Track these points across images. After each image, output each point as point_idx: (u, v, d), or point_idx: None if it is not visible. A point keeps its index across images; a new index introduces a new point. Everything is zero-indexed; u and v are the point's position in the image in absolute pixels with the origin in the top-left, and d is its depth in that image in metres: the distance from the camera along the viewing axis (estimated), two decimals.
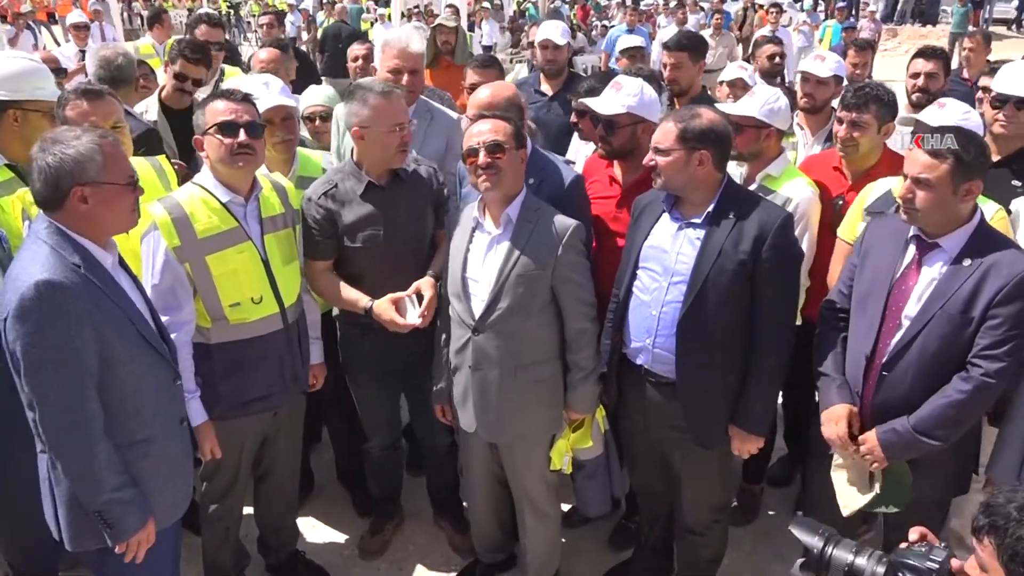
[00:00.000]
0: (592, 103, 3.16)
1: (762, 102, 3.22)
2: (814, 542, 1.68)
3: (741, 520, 3.68)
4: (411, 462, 3.94)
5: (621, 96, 3.10)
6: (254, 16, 24.29)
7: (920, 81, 4.32)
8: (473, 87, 4.10)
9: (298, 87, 4.28)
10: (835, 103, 3.72)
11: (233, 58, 6.12)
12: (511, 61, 12.75)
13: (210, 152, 2.67)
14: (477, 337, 2.79)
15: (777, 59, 5.71)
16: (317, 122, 3.90)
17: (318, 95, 4.04)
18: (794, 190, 3.19)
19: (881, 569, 1.58)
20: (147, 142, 3.63)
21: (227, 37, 5.74)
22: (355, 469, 3.81)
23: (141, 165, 3.02)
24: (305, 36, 18.34)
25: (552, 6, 20.09)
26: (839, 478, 2.70)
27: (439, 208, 3.15)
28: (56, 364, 2.05)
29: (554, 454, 2.95)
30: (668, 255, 2.71)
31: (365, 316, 2.97)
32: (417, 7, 21.01)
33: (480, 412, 2.88)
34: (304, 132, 3.77)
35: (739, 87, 5.06)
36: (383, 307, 2.89)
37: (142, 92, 4.59)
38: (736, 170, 3.40)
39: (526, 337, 2.77)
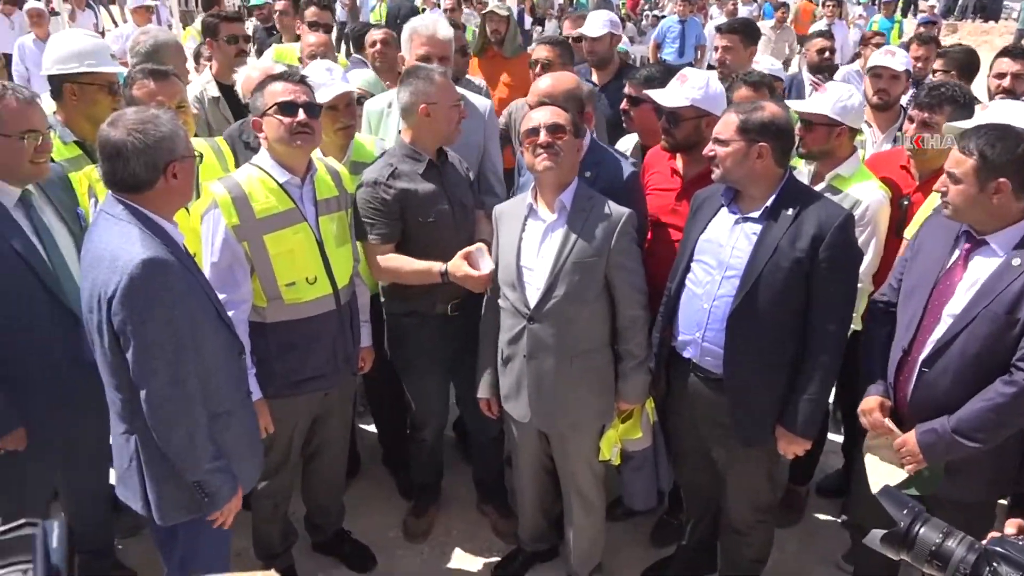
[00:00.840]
0: (656, 95, 3.14)
1: (835, 99, 3.13)
2: (901, 516, 1.59)
3: (785, 521, 3.63)
4: (457, 448, 3.98)
5: (686, 88, 3.07)
6: None
7: (1006, 82, 4.13)
8: (538, 62, 4.12)
9: None
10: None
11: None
12: None
13: (269, 132, 2.71)
14: (532, 326, 2.79)
15: (827, 53, 5.60)
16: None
17: (357, 78, 4.08)
18: (864, 192, 3.10)
19: (972, 556, 1.47)
20: None
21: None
22: (400, 453, 3.86)
23: (201, 146, 3.09)
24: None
25: None
26: (871, 459, 2.68)
27: (473, 185, 3.27)
28: (164, 340, 2.11)
29: (604, 444, 2.95)
30: (723, 249, 2.69)
31: (420, 304, 3.01)
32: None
33: (535, 401, 2.89)
34: None
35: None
36: (457, 264, 2.90)
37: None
38: (804, 169, 3.34)
39: (581, 325, 2.78)
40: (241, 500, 2.40)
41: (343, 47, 15.75)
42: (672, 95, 3.09)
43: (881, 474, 2.64)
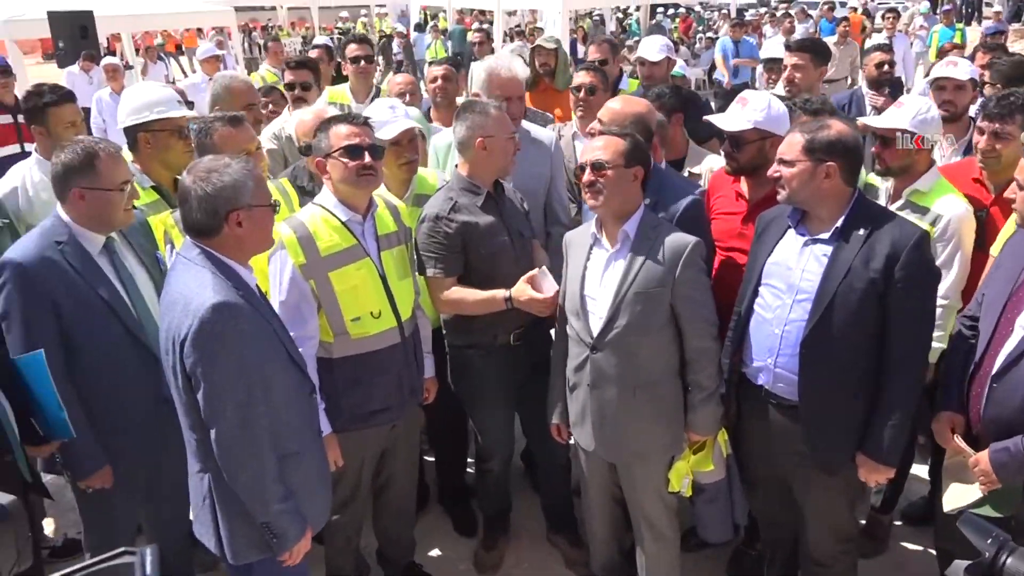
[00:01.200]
0: (717, 119, 3.12)
1: (912, 113, 3.06)
2: (985, 546, 1.52)
3: (870, 551, 3.49)
4: (525, 478, 3.95)
5: (748, 111, 3.03)
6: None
7: None
8: (581, 87, 4.10)
9: None
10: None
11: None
12: None
13: (334, 173, 2.78)
14: (595, 355, 2.77)
15: (886, 67, 5.47)
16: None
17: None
18: (945, 206, 3.01)
19: None
20: None
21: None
22: (459, 488, 3.87)
23: (270, 188, 3.18)
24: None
25: (653, 21, 19.96)
26: (948, 480, 2.60)
27: (528, 216, 3.30)
28: (233, 382, 2.16)
29: (672, 475, 2.89)
30: (792, 272, 2.63)
31: (483, 336, 3.04)
32: (519, 26, 21.32)
33: (598, 430, 2.86)
34: None
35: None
36: (521, 289, 2.93)
37: (271, 116, 4.86)
38: (881, 185, 3.27)
39: (644, 355, 2.74)
40: (310, 540, 2.42)
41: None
42: (734, 119, 3.06)
43: (956, 494, 2.55)
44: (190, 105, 4.58)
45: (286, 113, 4.73)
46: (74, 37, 10.72)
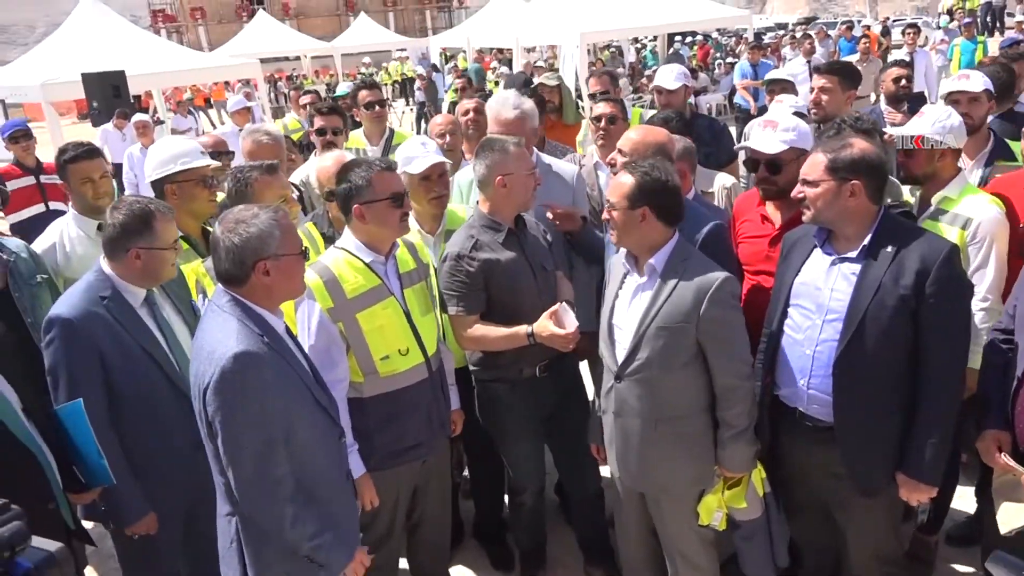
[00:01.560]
0: (754, 145, 3.11)
1: (933, 120, 3.05)
2: None
3: (915, 574, 3.39)
4: (560, 511, 3.92)
5: (780, 133, 3.04)
6: (387, 84, 25.68)
7: None
8: (602, 117, 4.14)
9: None
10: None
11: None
12: (633, 105, 12.80)
13: (379, 219, 2.80)
14: (619, 384, 2.77)
15: (904, 82, 5.45)
16: None
17: None
18: (975, 209, 2.97)
19: None
20: None
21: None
22: (493, 523, 3.85)
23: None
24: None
25: (671, 50, 20.10)
26: (1000, 501, 2.53)
27: (552, 247, 3.30)
28: (251, 431, 2.18)
29: (701, 509, 2.82)
30: (821, 292, 2.60)
31: (509, 371, 3.06)
32: (538, 62, 21.59)
33: (621, 459, 2.85)
34: None
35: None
36: (543, 325, 2.93)
37: (289, 165, 4.96)
38: (910, 196, 3.25)
39: (668, 389, 2.69)
40: (366, 558, 2.45)
41: (421, 126, 16.32)
42: (769, 142, 3.05)
43: (1011, 516, 2.48)
44: (231, 155, 4.69)
45: (312, 160, 4.83)
46: (107, 96, 11.11)
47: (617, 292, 2.82)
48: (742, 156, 3.39)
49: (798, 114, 3.69)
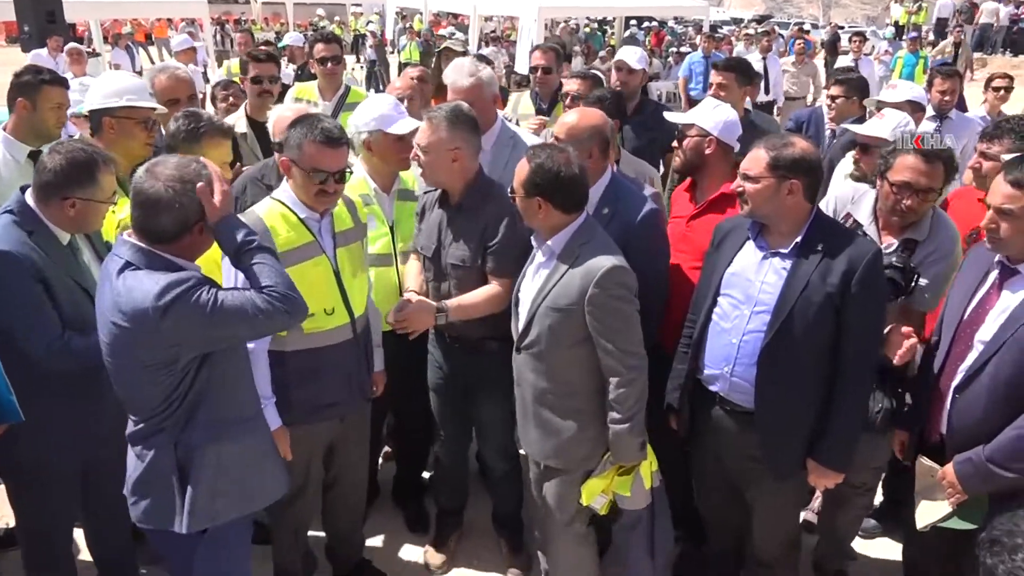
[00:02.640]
0: (671, 115, 3.34)
1: (895, 124, 3.22)
2: None
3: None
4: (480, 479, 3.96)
5: (696, 111, 3.23)
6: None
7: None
8: (568, 95, 4.26)
9: None
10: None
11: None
12: None
13: (297, 183, 2.76)
14: (518, 356, 2.82)
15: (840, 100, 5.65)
16: None
17: None
18: None
19: None
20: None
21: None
22: (412, 485, 3.88)
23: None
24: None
25: (627, 34, 20.14)
26: (916, 496, 2.67)
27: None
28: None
29: (584, 490, 2.82)
30: (752, 283, 2.67)
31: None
32: (494, 31, 21.39)
33: (521, 428, 2.93)
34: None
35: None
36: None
37: (230, 109, 4.83)
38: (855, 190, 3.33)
39: (558, 367, 2.73)
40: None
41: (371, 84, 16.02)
42: (685, 115, 3.26)
43: (927, 511, 2.62)
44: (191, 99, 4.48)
45: (241, 110, 4.68)
46: (40, 21, 10.57)
47: (526, 268, 2.85)
48: None
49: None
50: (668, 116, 3.38)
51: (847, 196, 3.15)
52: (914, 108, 3.94)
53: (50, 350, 2.52)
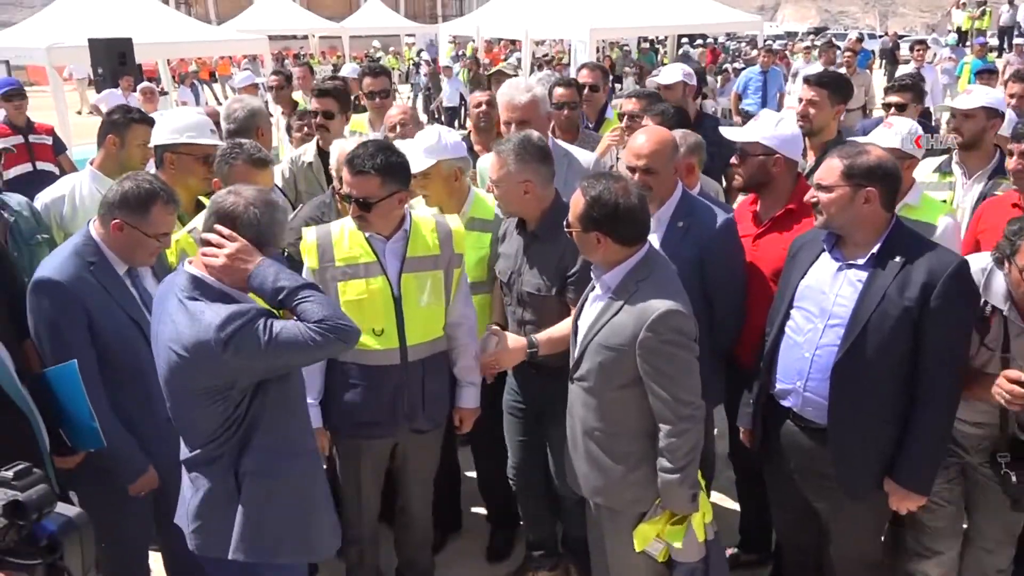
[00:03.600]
0: (728, 132, 3.21)
1: (904, 133, 3.16)
2: None
3: None
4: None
5: (758, 125, 3.12)
6: (395, 69, 25.59)
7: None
8: (625, 115, 4.24)
9: None
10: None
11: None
12: None
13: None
14: (571, 385, 2.74)
15: (893, 111, 5.49)
16: None
17: None
18: (937, 216, 3.12)
19: None
20: None
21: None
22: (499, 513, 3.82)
23: None
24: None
25: (680, 52, 20.07)
26: None
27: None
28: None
29: (636, 535, 2.67)
30: (826, 296, 2.61)
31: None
32: (547, 55, 21.54)
33: (570, 456, 2.82)
34: None
35: None
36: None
37: (304, 139, 5.02)
38: None
39: (608, 404, 2.62)
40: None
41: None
42: (745, 131, 3.15)
43: None
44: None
45: (312, 142, 4.79)
46: (112, 63, 11.05)
47: (587, 294, 2.75)
48: None
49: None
50: (726, 132, 3.28)
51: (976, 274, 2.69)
52: (990, 115, 3.76)
53: None
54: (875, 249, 2.54)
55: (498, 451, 3.44)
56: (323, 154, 4.60)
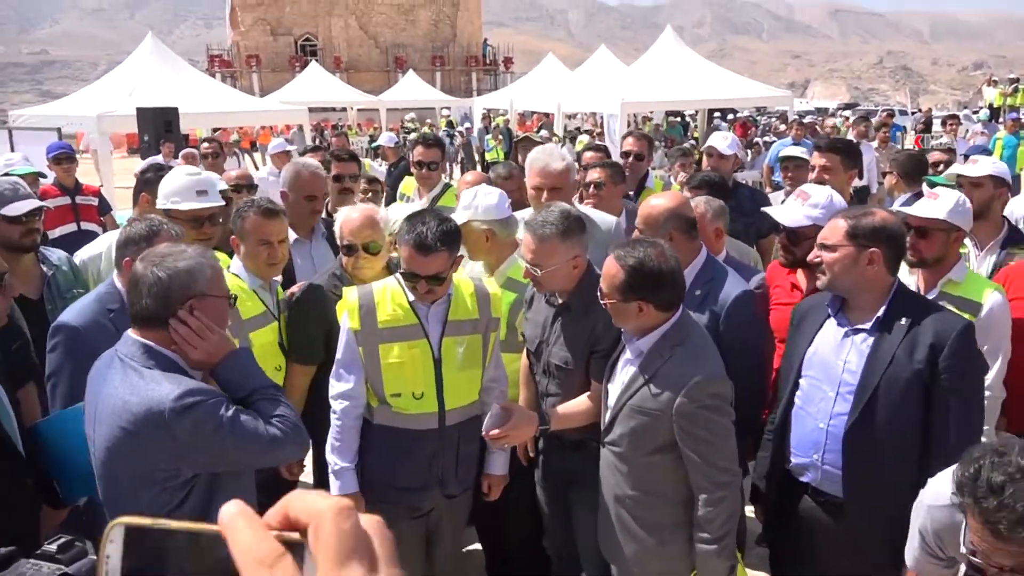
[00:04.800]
0: (774, 212, 3.17)
1: (951, 204, 3.05)
2: None
3: None
4: None
5: (806, 208, 3.07)
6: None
7: None
8: (591, 184, 4.17)
9: None
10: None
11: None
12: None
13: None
14: (603, 450, 2.67)
15: (941, 167, 5.47)
16: None
17: None
18: (983, 294, 2.97)
19: None
20: None
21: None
22: None
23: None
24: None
25: (711, 126, 20.35)
26: None
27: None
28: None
29: None
30: (834, 363, 2.57)
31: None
32: (579, 128, 21.95)
33: (601, 527, 2.74)
34: None
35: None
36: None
37: (371, 198, 5.06)
38: (908, 279, 3.19)
39: (640, 470, 2.55)
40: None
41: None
42: (792, 213, 3.08)
43: None
44: (254, 188, 4.77)
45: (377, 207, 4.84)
46: (158, 131, 11.48)
47: (616, 357, 2.70)
48: None
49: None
50: (773, 212, 3.23)
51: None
52: (996, 184, 3.76)
53: None
54: (880, 313, 2.52)
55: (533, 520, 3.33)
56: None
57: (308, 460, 3.11)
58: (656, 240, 2.62)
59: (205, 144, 5.85)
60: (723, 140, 5.05)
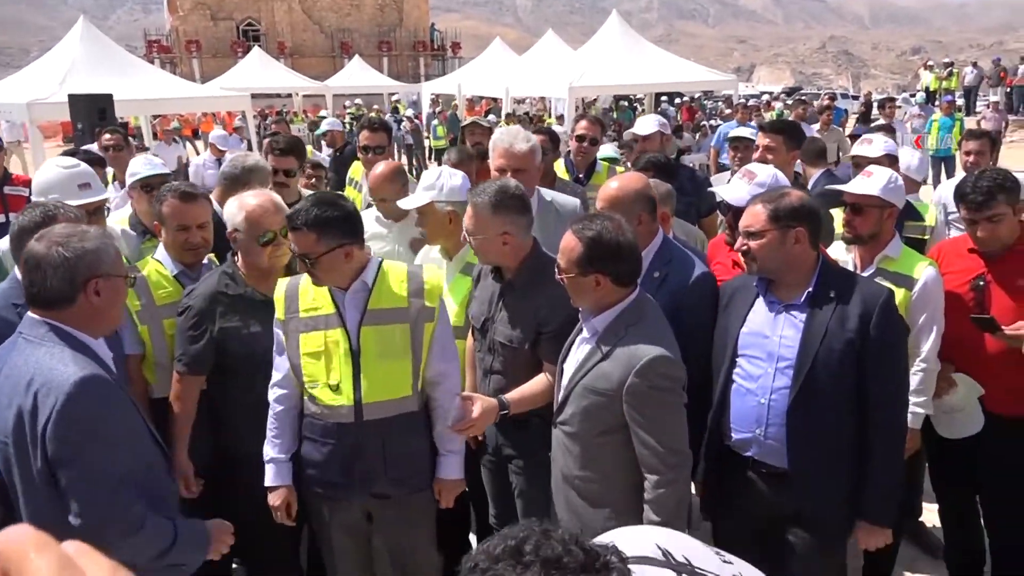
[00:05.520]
0: (723, 192, 3.18)
1: (884, 181, 3.13)
2: None
3: None
4: None
5: (752, 186, 3.08)
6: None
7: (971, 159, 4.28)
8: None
9: None
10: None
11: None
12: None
13: None
14: (555, 430, 2.67)
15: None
16: None
17: None
18: (919, 269, 3.07)
19: None
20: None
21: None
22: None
23: None
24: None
25: (658, 110, 20.52)
26: None
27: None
28: (107, 466, 2.07)
29: None
30: (770, 339, 2.61)
31: None
32: (527, 113, 21.93)
33: (556, 502, 2.73)
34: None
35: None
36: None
37: (309, 187, 5.08)
38: (845, 256, 3.27)
39: (591, 451, 2.53)
40: (226, 532, 2.43)
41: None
42: (739, 192, 3.10)
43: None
44: (178, 176, 4.63)
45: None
46: (92, 119, 11.07)
47: (573, 339, 2.68)
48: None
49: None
50: (719, 191, 3.25)
51: None
52: (891, 161, 3.89)
53: None
54: (810, 288, 2.57)
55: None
56: None
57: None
58: (612, 215, 2.59)
59: (107, 136, 5.61)
60: (644, 122, 5.13)
